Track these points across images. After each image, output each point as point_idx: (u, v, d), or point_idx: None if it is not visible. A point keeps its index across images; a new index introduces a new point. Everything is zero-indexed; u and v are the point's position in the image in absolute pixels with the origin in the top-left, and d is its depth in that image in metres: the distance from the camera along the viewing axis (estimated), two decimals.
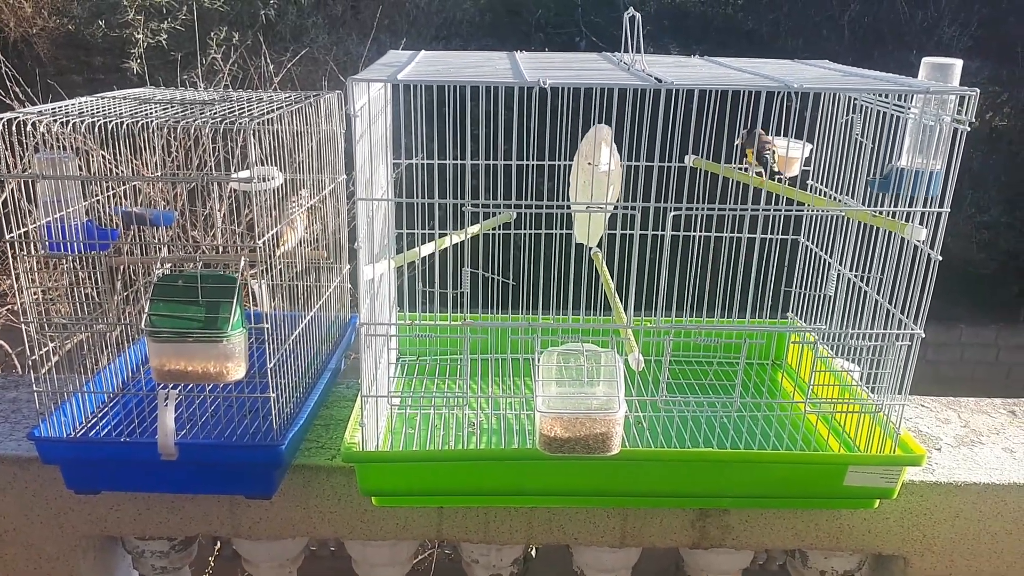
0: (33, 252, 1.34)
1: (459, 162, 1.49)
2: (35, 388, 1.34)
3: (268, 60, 4.73)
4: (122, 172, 1.40)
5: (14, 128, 1.25)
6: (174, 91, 1.63)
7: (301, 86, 4.96)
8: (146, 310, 1.23)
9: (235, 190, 1.75)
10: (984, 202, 6.23)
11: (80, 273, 1.48)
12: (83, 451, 1.35)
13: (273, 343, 1.33)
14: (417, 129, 1.53)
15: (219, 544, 3.22)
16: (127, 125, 1.28)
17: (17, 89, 4.32)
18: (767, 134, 1.45)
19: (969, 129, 1.20)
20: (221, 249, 1.59)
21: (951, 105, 1.23)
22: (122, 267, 1.53)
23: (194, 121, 1.28)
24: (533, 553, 3.13)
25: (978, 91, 1.18)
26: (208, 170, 2.89)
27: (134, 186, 1.57)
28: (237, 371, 1.26)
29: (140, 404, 1.47)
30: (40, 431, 1.33)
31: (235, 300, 1.23)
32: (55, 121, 1.29)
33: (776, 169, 1.48)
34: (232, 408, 1.45)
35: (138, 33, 5.92)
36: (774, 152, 1.43)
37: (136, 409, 1.46)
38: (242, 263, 1.30)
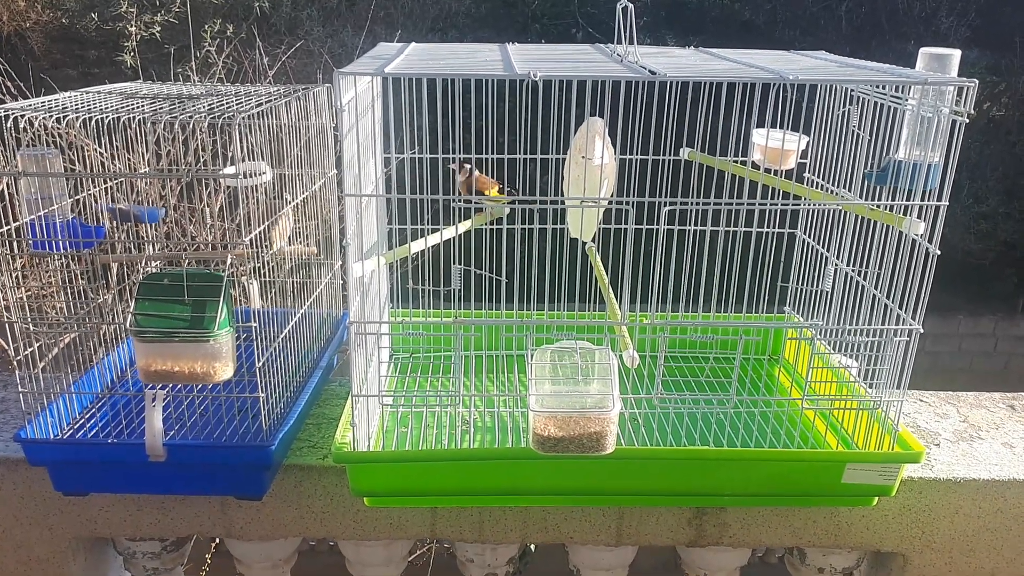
0: (17, 251, 1.32)
1: (450, 156, 1.47)
2: (20, 389, 1.32)
3: (263, 53, 4.70)
4: (108, 168, 1.38)
5: None
6: (161, 85, 1.60)
7: (296, 79, 4.93)
8: (131, 309, 1.21)
9: (228, 186, 1.73)
10: (982, 192, 6.21)
11: (67, 271, 1.46)
12: (70, 453, 1.33)
13: (262, 341, 1.31)
14: (408, 123, 1.50)
15: (216, 540, 3.21)
16: (110, 121, 1.25)
17: (10, 84, 4.28)
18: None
19: (968, 121, 1.18)
20: (210, 246, 1.57)
21: (949, 96, 1.21)
22: (112, 265, 1.51)
23: (179, 116, 1.26)
24: (532, 548, 3.12)
25: (976, 82, 1.16)
26: (200, 166, 2.87)
27: (124, 182, 1.55)
28: (225, 371, 1.24)
29: (128, 405, 1.45)
30: (26, 433, 1.30)
31: (222, 299, 1.21)
32: (37, 116, 1.26)
33: (768, 165, 1.46)
34: (221, 408, 1.43)
35: (131, 26, 5.88)
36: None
37: (124, 410, 1.44)
38: (229, 260, 1.27)
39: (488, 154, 1.52)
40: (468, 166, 1.46)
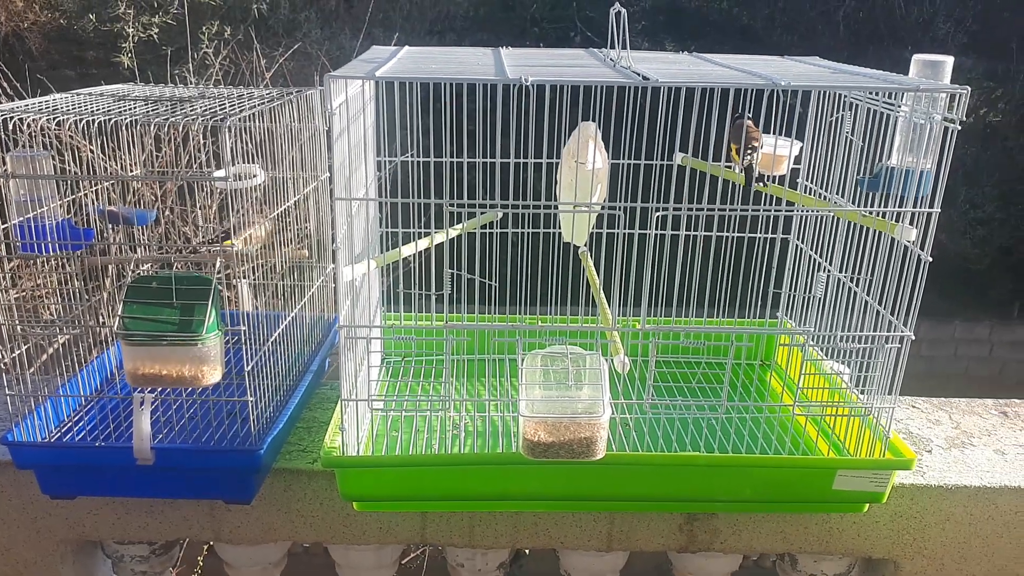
0: (5, 253, 1.31)
1: (442, 160, 1.46)
2: (7, 392, 1.31)
3: (260, 55, 4.69)
4: (100, 170, 1.38)
5: None
6: (153, 87, 1.60)
7: (293, 81, 4.93)
8: (119, 312, 1.21)
9: (220, 189, 1.72)
10: (978, 198, 6.22)
11: (57, 273, 1.45)
12: (57, 456, 1.32)
13: (252, 345, 1.30)
14: (401, 127, 1.50)
15: (209, 542, 3.20)
16: (101, 122, 1.25)
17: (7, 84, 4.27)
18: (755, 126, 1.40)
19: (960, 128, 1.17)
20: (197, 249, 1.56)
21: (942, 103, 1.20)
22: (107, 267, 1.50)
23: (170, 118, 1.25)
24: (527, 552, 3.11)
25: (969, 89, 1.15)
26: (194, 169, 2.86)
27: (118, 184, 1.55)
28: (213, 375, 1.24)
29: (116, 408, 1.44)
30: (13, 436, 1.30)
31: (210, 302, 1.20)
32: (28, 116, 1.26)
33: (760, 171, 1.46)
34: (210, 412, 1.42)
35: (129, 27, 5.87)
36: (758, 149, 1.38)
37: (112, 413, 1.43)
38: (218, 263, 1.27)
39: (481, 158, 1.51)
40: (740, 120, 1.36)
